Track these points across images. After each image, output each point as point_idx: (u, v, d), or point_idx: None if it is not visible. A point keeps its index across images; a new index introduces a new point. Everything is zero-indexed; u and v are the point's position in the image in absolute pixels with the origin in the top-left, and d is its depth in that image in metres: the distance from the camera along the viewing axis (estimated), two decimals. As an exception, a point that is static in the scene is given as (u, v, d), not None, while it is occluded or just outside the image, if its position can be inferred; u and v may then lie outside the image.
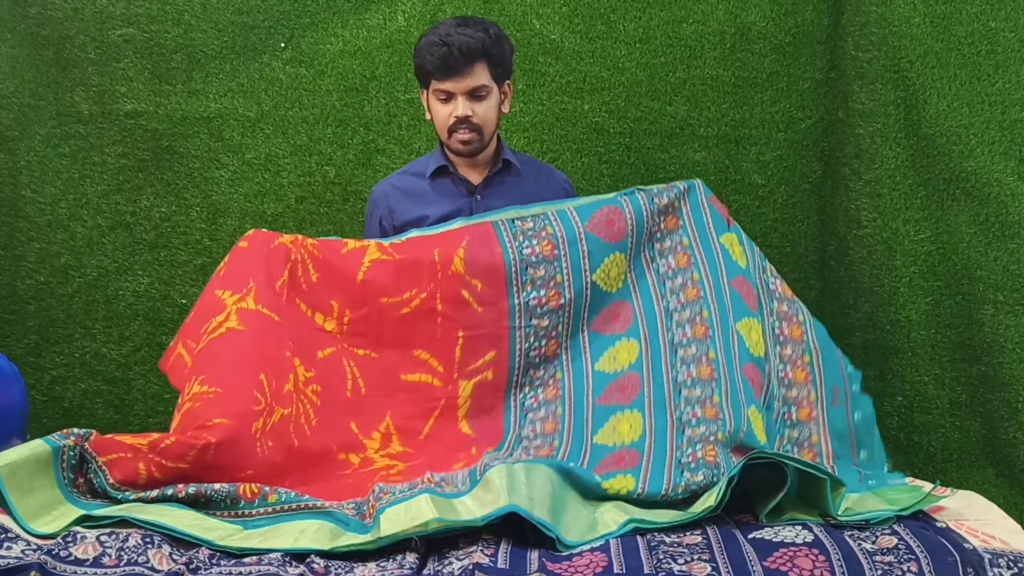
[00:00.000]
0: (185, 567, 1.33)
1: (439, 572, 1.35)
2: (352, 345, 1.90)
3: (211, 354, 1.77)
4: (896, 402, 2.35)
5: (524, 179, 2.16)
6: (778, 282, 2.03)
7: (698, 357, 1.82)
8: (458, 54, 1.97)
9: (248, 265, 1.90)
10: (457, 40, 1.97)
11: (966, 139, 2.26)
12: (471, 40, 1.97)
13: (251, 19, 2.54)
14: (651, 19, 2.55)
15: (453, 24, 2.01)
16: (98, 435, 1.57)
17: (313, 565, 1.37)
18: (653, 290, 1.96)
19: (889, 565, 1.32)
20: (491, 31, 2.01)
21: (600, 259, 1.93)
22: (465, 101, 2.02)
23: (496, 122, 2.09)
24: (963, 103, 2.28)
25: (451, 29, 1.99)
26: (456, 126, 2.04)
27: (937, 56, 2.29)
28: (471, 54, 1.98)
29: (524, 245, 1.90)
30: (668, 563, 1.34)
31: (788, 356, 1.94)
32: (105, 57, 2.51)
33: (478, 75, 2.01)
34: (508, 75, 2.09)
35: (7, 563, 1.29)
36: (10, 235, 2.54)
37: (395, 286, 1.90)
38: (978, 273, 2.26)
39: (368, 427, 1.85)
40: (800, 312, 2.01)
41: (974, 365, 2.27)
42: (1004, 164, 2.25)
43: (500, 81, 2.07)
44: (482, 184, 2.12)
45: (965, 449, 2.29)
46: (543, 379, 1.91)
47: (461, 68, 1.99)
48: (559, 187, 2.22)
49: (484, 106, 2.04)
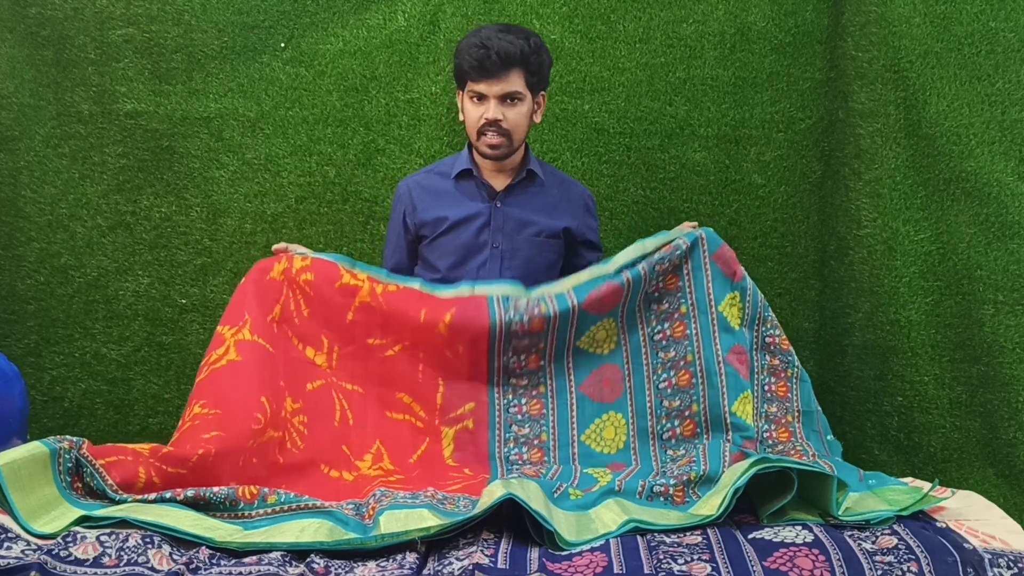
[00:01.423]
0: (185, 567, 1.33)
1: (439, 572, 1.35)
2: (341, 379, 1.95)
3: (212, 381, 1.82)
4: (896, 402, 2.35)
5: (546, 190, 2.17)
6: (776, 334, 2.03)
7: (687, 455, 1.83)
8: (496, 58, 1.99)
9: (244, 299, 1.97)
10: (497, 44, 1.99)
11: (966, 139, 2.26)
12: (510, 46, 1.99)
13: (251, 19, 2.54)
14: (651, 19, 2.55)
15: (496, 29, 2.04)
16: (91, 444, 1.58)
17: (313, 565, 1.37)
18: (645, 359, 1.96)
19: (889, 565, 1.32)
20: (532, 40, 2.03)
21: (587, 327, 1.94)
22: (497, 105, 2.03)
23: (525, 130, 2.10)
24: (963, 103, 2.28)
25: (493, 33, 2.02)
26: (485, 128, 2.05)
27: (937, 56, 2.30)
28: (508, 59, 2.00)
29: (514, 320, 1.89)
30: (668, 563, 1.35)
31: (773, 415, 1.96)
32: (105, 57, 2.51)
33: (513, 81, 2.02)
34: (543, 86, 2.11)
35: (7, 563, 1.29)
36: (10, 235, 2.54)
37: (381, 332, 1.94)
38: (978, 273, 2.26)
39: (359, 451, 1.89)
40: (791, 367, 2.02)
41: (974, 365, 2.27)
42: (1004, 164, 2.25)
43: (535, 90, 2.08)
44: (504, 191, 2.14)
45: (965, 449, 2.29)
46: (527, 437, 1.91)
47: (497, 72, 2.00)
48: (580, 201, 2.23)
49: (515, 112, 2.05)
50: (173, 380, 2.59)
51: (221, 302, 2.57)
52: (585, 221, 2.22)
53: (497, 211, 2.12)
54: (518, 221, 2.13)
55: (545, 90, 2.13)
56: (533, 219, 2.14)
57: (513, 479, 1.59)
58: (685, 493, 1.63)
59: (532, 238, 2.13)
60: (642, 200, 2.58)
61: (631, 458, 1.87)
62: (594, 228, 2.26)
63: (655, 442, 1.90)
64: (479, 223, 2.12)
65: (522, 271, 2.10)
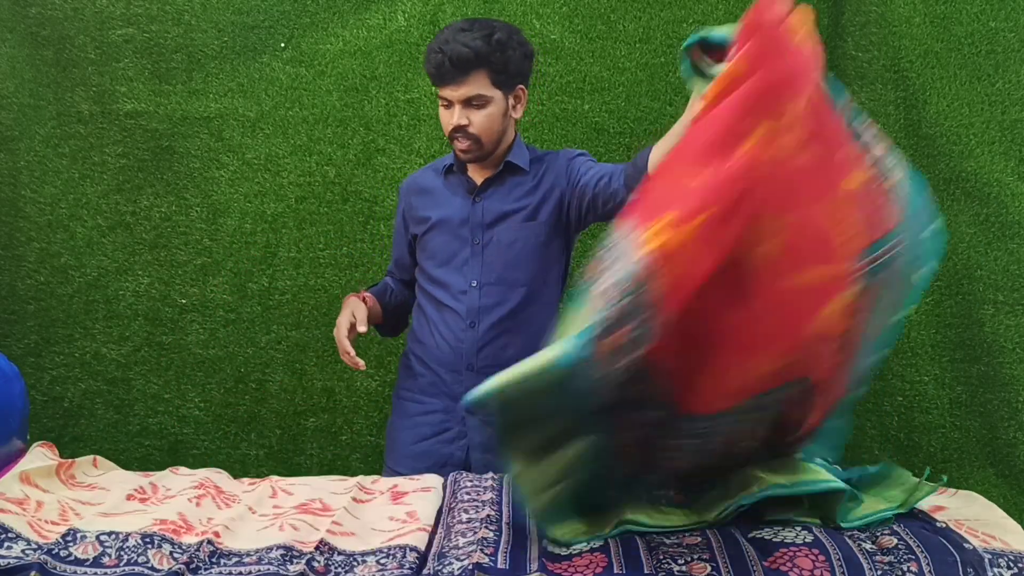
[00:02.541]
0: (185, 567, 1.33)
1: (439, 572, 1.35)
2: None
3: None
4: (896, 402, 2.35)
5: (529, 178, 2.09)
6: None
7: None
8: (450, 64, 1.92)
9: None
10: (451, 49, 1.91)
11: (966, 139, 2.27)
12: (465, 49, 1.90)
13: (251, 19, 2.54)
14: (651, 19, 2.55)
15: (456, 29, 1.96)
16: None
17: (313, 563, 1.37)
18: None
19: (889, 565, 1.32)
20: (495, 37, 1.93)
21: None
22: (462, 110, 1.97)
23: (496, 130, 2.01)
24: (963, 103, 2.28)
25: (452, 35, 1.94)
26: (454, 134, 2.01)
27: (937, 56, 2.30)
28: (465, 63, 1.91)
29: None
30: (668, 563, 1.34)
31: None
32: (105, 57, 2.51)
33: (474, 84, 1.94)
34: (518, 80, 2.01)
35: (7, 563, 1.29)
36: (10, 235, 2.54)
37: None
38: (978, 273, 2.26)
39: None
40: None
41: (974, 365, 2.27)
42: (1004, 164, 2.25)
43: (506, 87, 1.99)
44: (482, 185, 2.09)
45: (965, 449, 2.29)
46: None
47: (455, 77, 1.94)
48: (562, 167, 2.09)
49: (482, 115, 1.98)
50: (173, 380, 2.59)
51: (221, 302, 2.58)
52: (570, 173, 2.06)
53: (476, 207, 2.08)
54: (496, 215, 2.07)
55: (524, 83, 2.03)
56: (512, 209, 2.07)
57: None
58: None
59: (509, 226, 2.06)
60: (642, 200, 2.58)
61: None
62: (583, 163, 2.06)
63: None
64: (459, 220, 2.07)
65: (502, 259, 2.05)
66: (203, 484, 1.69)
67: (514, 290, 2.06)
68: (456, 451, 2.08)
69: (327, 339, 2.59)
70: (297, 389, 2.60)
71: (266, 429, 2.60)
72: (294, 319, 2.59)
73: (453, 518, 1.60)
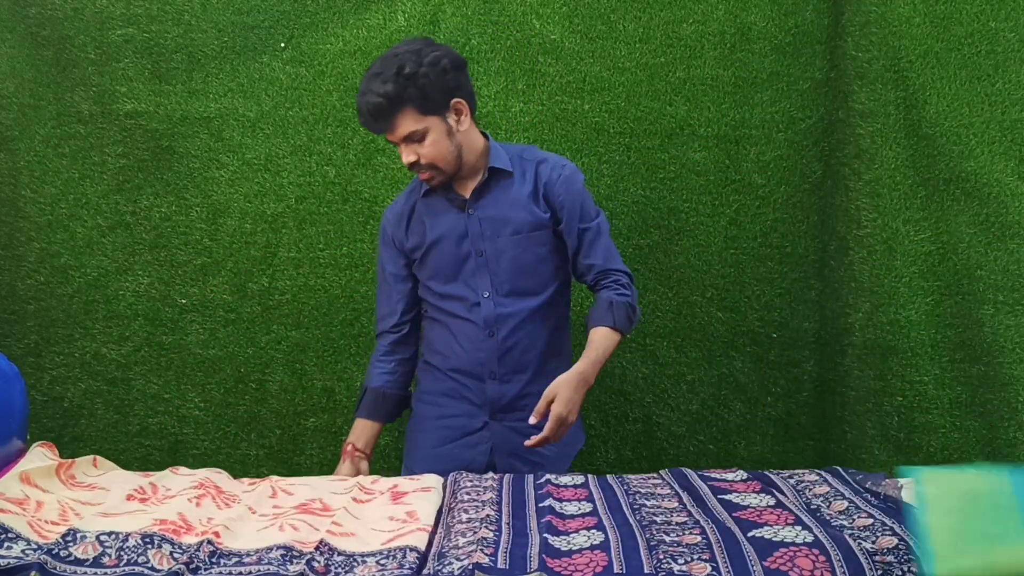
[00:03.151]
0: (185, 567, 1.33)
1: (439, 572, 1.35)
2: None
3: None
4: (896, 402, 2.35)
5: (516, 181, 2.08)
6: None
7: None
8: (371, 117, 1.92)
9: None
10: (367, 102, 1.91)
11: (966, 139, 2.26)
12: (377, 99, 1.89)
13: (251, 19, 2.54)
14: (651, 19, 2.55)
15: (370, 76, 1.93)
16: None
17: (313, 563, 1.37)
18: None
19: (889, 565, 1.32)
20: (405, 71, 1.89)
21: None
22: (406, 147, 1.97)
23: (450, 151, 1.99)
24: (963, 103, 2.28)
25: (366, 85, 1.93)
26: (411, 169, 2.01)
27: (937, 56, 2.30)
28: (382, 112, 1.91)
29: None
30: (668, 563, 1.34)
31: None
32: (105, 57, 2.51)
33: (403, 124, 1.93)
34: (448, 98, 1.96)
35: (7, 563, 1.29)
36: (10, 235, 2.54)
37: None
38: (978, 273, 2.26)
39: None
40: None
41: (974, 365, 2.27)
42: (1004, 164, 2.25)
43: (437, 111, 1.95)
44: (472, 197, 2.07)
45: (965, 449, 2.29)
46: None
47: (382, 126, 1.94)
48: (553, 175, 2.08)
49: (426, 146, 1.96)
50: (173, 380, 2.59)
51: (221, 302, 2.58)
52: (563, 203, 2.06)
53: (471, 219, 2.06)
54: (495, 222, 2.05)
55: (458, 95, 1.97)
56: (510, 216, 2.05)
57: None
58: None
59: (512, 237, 2.05)
60: (642, 200, 2.58)
61: None
62: (578, 208, 2.08)
63: None
64: (456, 235, 2.06)
65: (510, 272, 2.06)
66: (203, 484, 1.69)
67: (528, 298, 2.07)
68: (478, 455, 2.09)
69: (327, 339, 2.59)
70: (297, 389, 2.60)
71: (266, 429, 2.60)
72: (294, 319, 2.59)
73: (453, 518, 1.60)
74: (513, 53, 2.54)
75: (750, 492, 1.68)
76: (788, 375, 2.61)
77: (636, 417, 2.63)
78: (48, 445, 1.81)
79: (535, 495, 1.71)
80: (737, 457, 2.62)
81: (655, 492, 1.73)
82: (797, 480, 1.75)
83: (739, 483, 1.75)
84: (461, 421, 2.11)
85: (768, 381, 2.62)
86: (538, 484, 1.78)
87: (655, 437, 2.64)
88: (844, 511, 1.54)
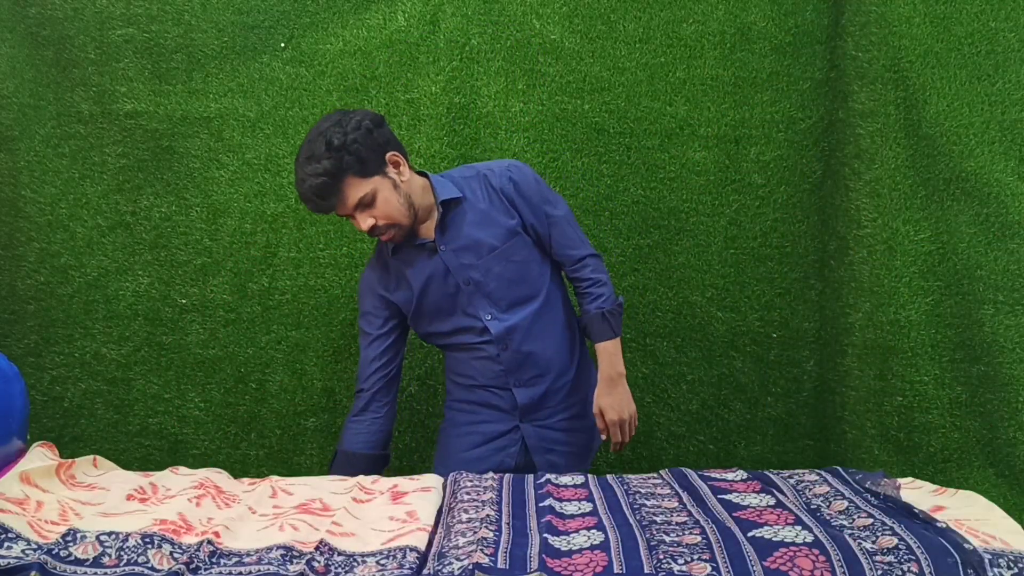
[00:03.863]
0: (185, 567, 1.33)
1: (439, 572, 1.35)
2: None
3: None
4: (896, 402, 2.35)
5: (470, 202, 2.08)
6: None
7: None
8: (317, 198, 1.92)
9: None
10: (308, 186, 1.91)
11: (966, 139, 2.26)
12: (317, 179, 1.89)
13: (251, 19, 2.54)
14: (651, 19, 2.55)
15: (302, 161, 1.93)
16: None
17: (313, 563, 1.37)
18: None
19: (889, 565, 1.31)
20: (334, 143, 1.90)
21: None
22: (360, 215, 1.96)
23: (402, 203, 1.98)
24: (963, 103, 2.28)
25: (302, 170, 1.92)
26: (371, 234, 2.01)
27: (937, 56, 2.30)
28: (326, 189, 1.91)
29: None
30: (668, 563, 1.34)
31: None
32: (105, 57, 2.51)
33: (350, 193, 1.94)
34: (382, 155, 1.97)
35: (7, 563, 1.29)
36: (10, 235, 2.54)
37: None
38: (978, 273, 2.26)
39: None
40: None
41: (974, 365, 2.27)
42: (1004, 164, 2.25)
43: (377, 170, 1.96)
44: (436, 235, 2.06)
45: (965, 449, 2.29)
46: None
47: (331, 203, 1.94)
48: (504, 180, 2.09)
49: (379, 207, 1.96)
50: (173, 380, 2.59)
51: (221, 302, 2.58)
52: (524, 203, 2.08)
53: (447, 255, 2.06)
54: (469, 249, 2.05)
55: (390, 149, 1.98)
56: (479, 238, 2.05)
57: None
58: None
59: (490, 256, 2.05)
60: (642, 200, 2.58)
61: None
62: (539, 197, 2.09)
63: None
64: (440, 277, 2.06)
65: (503, 288, 2.07)
66: (203, 484, 1.69)
67: (528, 304, 2.10)
68: (507, 458, 2.13)
69: (327, 339, 2.59)
70: (297, 389, 2.60)
71: (266, 429, 2.60)
72: (294, 319, 2.59)
73: (453, 518, 1.60)
74: (513, 53, 2.54)
75: (750, 492, 1.68)
76: (788, 375, 2.61)
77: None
78: (48, 445, 1.81)
79: (535, 495, 1.71)
80: (737, 457, 2.62)
81: (655, 492, 1.73)
82: (797, 480, 1.75)
83: (739, 483, 1.75)
84: (492, 427, 2.15)
85: (768, 381, 2.62)
86: (538, 484, 1.78)
87: (655, 437, 2.64)
88: (844, 511, 1.54)
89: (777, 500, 1.62)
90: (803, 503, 1.61)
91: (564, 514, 1.60)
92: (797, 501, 1.62)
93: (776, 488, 1.70)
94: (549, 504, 1.65)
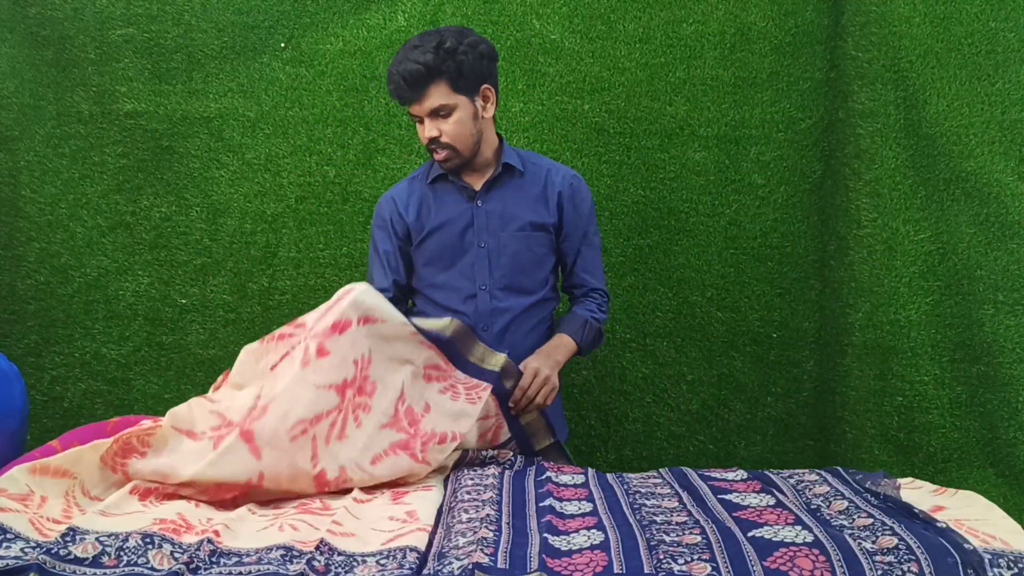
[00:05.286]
0: (185, 567, 1.33)
1: (439, 572, 1.35)
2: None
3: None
4: (896, 402, 2.35)
5: (526, 181, 2.12)
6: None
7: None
8: (404, 84, 1.94)
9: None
10: (403, 68, 1.93)
11: (966, 139, 2.27)
12: (415, 66, 1.92)
13: (251, 19, 2.54)
14: (651, 19, 2.55)
15: (409, 47, 1.96)
16: None
17: (313, 563, 1.37)
18: None
19: (889, 565, 1.31)
20: (445, 45, 1.93)
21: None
22: (431, 122, 1.99)
23: (470, 135, 2.02)
24: (963, 103, 2.28)
25: (404, 54, 1.95)
26: (429, 146, 2.03)
27: (937, 56, 2.30)
28: (418, 80, 1.93)
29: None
30: (668, 563, 1.34)
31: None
32: (105, 57, 2.51)
33: (434, 96, 1.96)
34: (480, 82, 2.00)
35: (6, 563, 1.29)
36: (10, 235, 2.54)
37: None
38: (978, 273, 2.26)
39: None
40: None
41: (974, 365, 2.27)
42: (1004, 164, 2.25)
43: (469, 91, 1.99)
44: (483, 189, 2.10)
45: (965, 449, 2.29)
46: None
47: (414, 94, 1.96)
48: (565, 184, 2.13)
49: (451, 123, 1.99)
50: (173, 380, 2.59)
51: (221, 302, 2.58)
52: (573, 215, 2.12)
53: (479, 210, 2.09)
54: (501, 217, 2.08)
55: (488, 83, 2.02)
56: (516, 213, 2.09)
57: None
58: None
59: (517, 233, 2.08)
60: (642, 200, 2.59)
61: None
62: (585, 226, 2.14)
63: None
64: (462, 224, 2.08)
65: (509, 267, 2.07)
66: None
67: (523, 296, 2.10)
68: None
69: (327, 339, 2.59)
70: (297, 389, 2.59)
71: (266, 429, 2.60)
72: (294, 319, 2.58)
73: (453, 518, 1.60)
74: (513, 53, 2.54)
75: (750, 492, 1.68)
76: (788, 375, 2.61)
77: (636, 417, 2.63)
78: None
79: (535, 494, 1.71)
80: (737, 457, 2.62)
81: (655, 492, 1.73)
82: (797, 480, 1.74)
83: (739, 483, 1.75)
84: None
85: (768, 381, 2.62)
86: (539, 483, 1.78)
87: (655, 437, 2.64)
88: (844, 511, 1.54)
89: (777, 500, 1.62)
90: (803, 503, 1.61)
91: (564, 514, 1.60)
92: (797, 501, 1.62)
93: (776, 488, 1.70)
94: (549, 504, 1.65)
